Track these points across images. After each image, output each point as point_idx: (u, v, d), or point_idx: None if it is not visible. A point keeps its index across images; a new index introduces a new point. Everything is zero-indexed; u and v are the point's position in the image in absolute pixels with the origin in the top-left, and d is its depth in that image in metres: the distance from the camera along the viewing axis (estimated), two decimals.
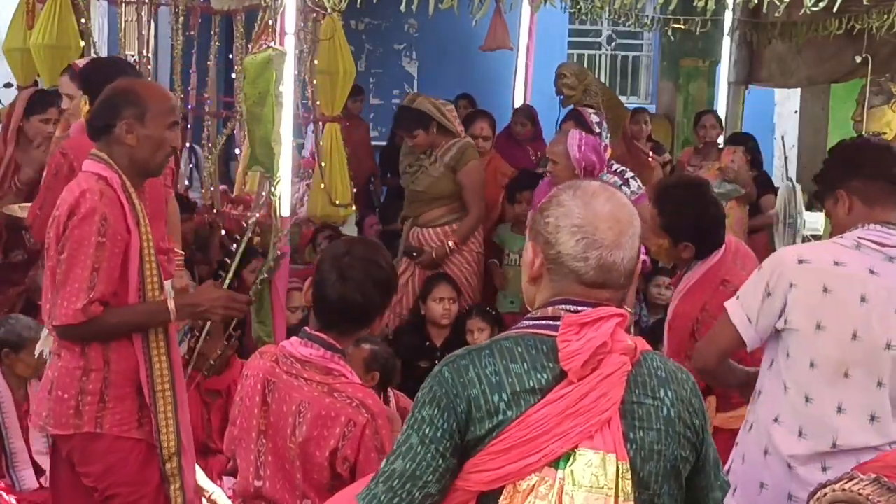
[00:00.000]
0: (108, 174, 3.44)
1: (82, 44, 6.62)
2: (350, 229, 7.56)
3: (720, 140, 8.67)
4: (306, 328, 3.09)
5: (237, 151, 7.94)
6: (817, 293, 3.14)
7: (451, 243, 6.28)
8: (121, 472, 3.51)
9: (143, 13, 7.60)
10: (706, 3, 5.07)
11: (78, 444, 3.52)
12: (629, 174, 5.74)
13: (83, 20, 6.72)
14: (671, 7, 5.32)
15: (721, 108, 9.85)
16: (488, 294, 6.70)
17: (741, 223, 7.84)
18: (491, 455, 2.04)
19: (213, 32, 7.71)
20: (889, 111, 7.58)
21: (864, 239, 3.17)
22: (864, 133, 7.51)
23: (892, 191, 3.20)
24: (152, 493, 3.54)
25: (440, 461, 2.05)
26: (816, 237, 7.80)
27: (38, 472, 4.70)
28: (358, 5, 5.30)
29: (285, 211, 5.85)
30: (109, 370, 3.47)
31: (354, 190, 7.58)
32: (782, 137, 9.91)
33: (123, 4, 7.62)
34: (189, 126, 8.31)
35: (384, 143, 10.68)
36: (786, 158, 8.77)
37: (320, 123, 7.14)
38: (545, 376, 2.07)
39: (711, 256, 4.07)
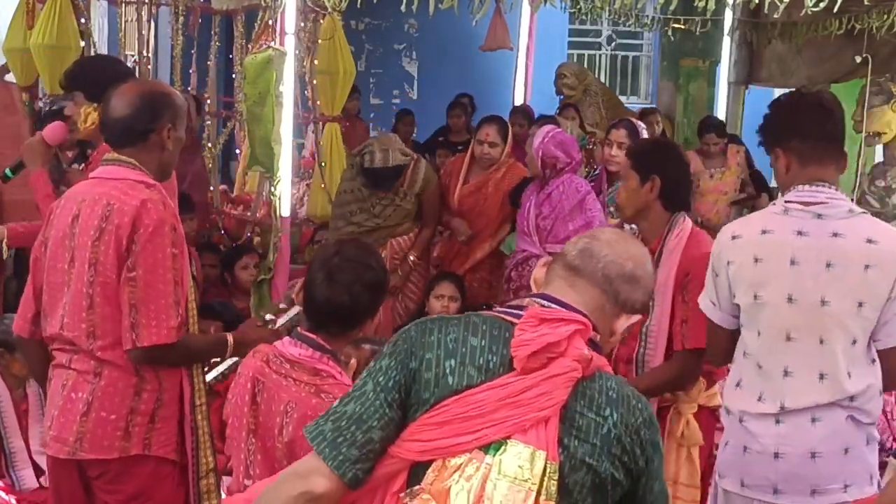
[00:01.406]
0: (151, 182, 3.31)
1: (82, 44, 6.61)
2: None
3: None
4: (298, 328, 3.09)
5: (237, 151, 7.95)
6: (750, 265, 3.20)
7: (411, 257, 6.26)
8: (154, 497, 3.33)
9: (143, 13, 7.62)
10: (706, 3, 5.07)
11: (117, 467, 3.29)
12: None
13: (83, 20, 6.72)
14: (671, 7, 5.32)
15: (721, 108, 9.85)
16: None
17: None
18: (427, 426, 2.10)
19: (213, 32, 7.72)
20: (889, 111, 7.57)
21: (792, 202, 3.22)
22: (864, 133, 7.52)
23: (825, 149, 3.25)
24: None
25: (386, 409, 2.12)
26: None
27: (38, 471, 4.70)
28: (358, 5, 5.30)
29: (285, 211, 5.86)
30: (162, 389, 3.29)
31: None
32: None
33: (123, 4, 7.63)
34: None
35: None
36: None
37: (320, 123, 7.14)
38: (495, 359, 2.13)
39: (683, 222, 3.98)
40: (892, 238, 3.19)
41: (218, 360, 4.05)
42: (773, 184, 8.85)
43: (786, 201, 3.23)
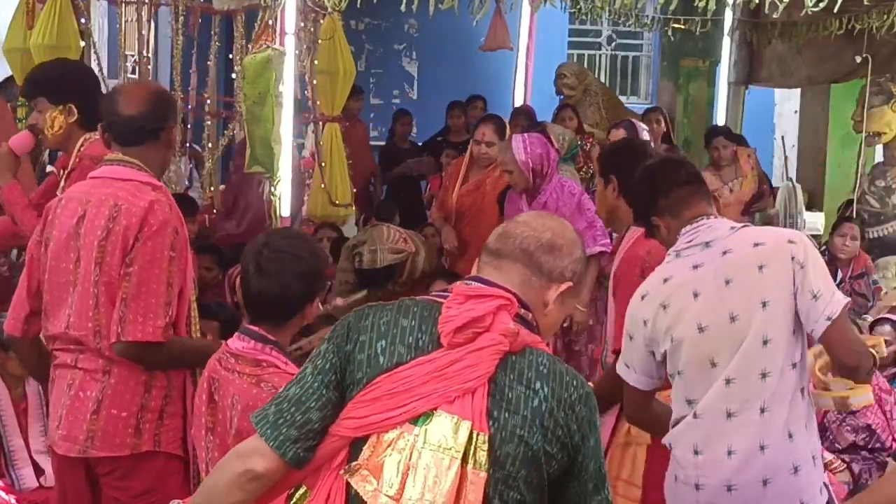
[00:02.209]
0: (158, 183, 3.35)
1: (82, 44, 6.61)
2: (350, 229, 7.56)
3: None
4: (244, 322, 3.12)
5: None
6: (661, 314, 3.25)
7: None
8: (162, 492, 3.34)
9: (143, 13, 7.60)
10: (706, 3, 5.08)
11: (127, 464, 3.33)
12: None
13: (83, 20, 6.71)
14: (671, 7, 5.32)
15: (721, 108, 9.85)
16: None
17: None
18: (361, 404, 2.18)
19: (213, 32, 7.71)
20: (889, 111, 7.59)
21: (679, 246, 3.31)
22: (864, 133, 7.53)
23: (689, 192, 3.35)
24: None
25: (323, 391, 2.23)
26: (816, 237, 7.82)
27: (38, 471, 4.70)
28: (358, 5, 5.30)
29: (285, 211, 5.86)
30: (171, 386, 3.34)
31: (354, 190, 7.58)
32: (782, 137, 9.94)
33: (123, 4, 7.62)
34: (189, 126, 8.31)
35: (384, 143, 10.68)
36: (786, 158, 8.80)
37: (320, 123, 7.14)
38: (424, 337, 2.21)
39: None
40: (775, 235, 3.27)
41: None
42: (774, 182, 8.85)
43: (676, 248, 3.32)
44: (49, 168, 5.01)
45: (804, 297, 3.13)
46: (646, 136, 5.74)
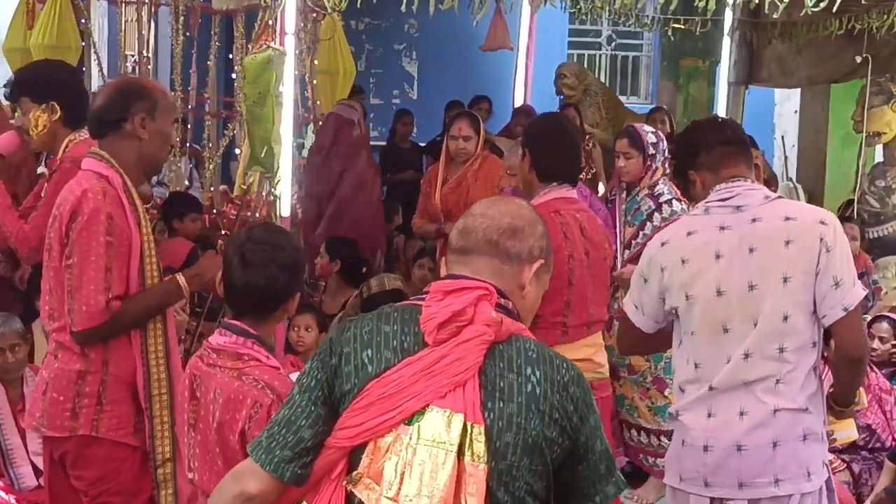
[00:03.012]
0: (109, 173, 3.40)
1: (82, 44, 6.62)
2: None
3: None
4: (226, 318, 3.13)
5: (237, 151, 7.94)
6: (678, 267, 3.28)
7: None
8: (115, 481, 3.46)
9: (143, 13, 7.62)
10: (706, 3, 5.08)
11: (73, 448, 3.46)
12: (665, 198, 5.48)
13: (83, 20, 6.73)
14: (671, 7, 5.32)
15: (721, 108, 9.83)
16: None
17: None
18: (354, 412, 2.18)
19: (213, 32, 7.72)
20: (889, 111, 7.59)
21: (711, 201, 3.32)
22: (864, 133, 7.52)
23: (730, 151, 3.37)
24: None
25: (312, 408, 2.23)
26: None
27: (37, 472, 4.70)
28: (358, 5, 5.30)
29: (285, 211, 5.86)
30: (107, 373, 3.43)
31: None
32: (782, 137, 9.94)
33: (123, 4, 7.64)
34: (189, 126, 8.31)
35: (384, 143, 10.68)
36: (786, 158, 8.80)
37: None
38: (408, 339, 2.21)
39: (543, 195, 4.20)
40: (808, 213, 3.27)
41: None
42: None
43: (706, 202, 3.34)
44: (41, 169, 5.00)
45: (825, 280, 3.14)
46: (651, 137, 5.68)
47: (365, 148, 7.46)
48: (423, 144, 10.37)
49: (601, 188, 7.73)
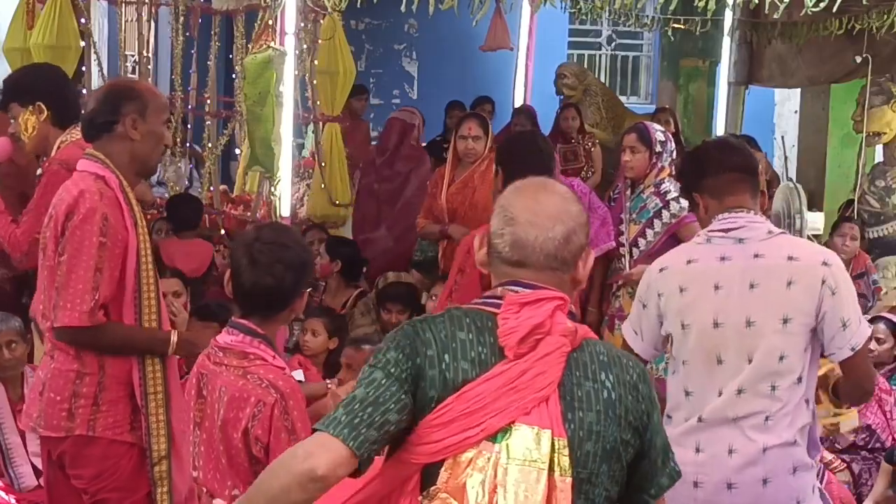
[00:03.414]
0: (106, 174, 3.41)
1: (82, 44, 6.62)
2: (350, 230, 7.56)
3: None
4: (234, 317, 3.15)
5: (237, 151, 7.95)
6: (676, 295, 3.26)
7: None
8: (112, 478, 3.47)
9: (143, 13, 7.61)
10: (706, 3, 5.08)
11: (70, 448, 3.46)
12: (672, 195, 5.47)
13: (83, 20, 6.72)
14: (671, 7, 5.32)
15: (721, 108, 9.84)
16: None
17: None
18: (434, 428, 2.12)
19: (213, 32, 7.71)
20: (889, 111, 7.58)
21: (714, 231, 3.29)
22: (864, 133, 7.52)
23: (736, 179, 3.32)
24: (143, 500, 3.51)
25: (402, 395, 2.12)
26: (818, 237, 7.81)
27: (37, 472, 4.70)
28: (358, 5, 5.31)
29: (285, 211, 5.87)
30: (104, 374, 3.43)
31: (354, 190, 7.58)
32: (782, 137, 9.94)
33: (123, 4, 7.63)
34: (189, 126, 8.31)
35: None
36: (786, 158, 8.80)
37: (320, 123, 7.14)
38: (484, 350, 2.15)
39: None
40: (811, 254, 3.25)
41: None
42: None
43: (708, 231, 3.31)
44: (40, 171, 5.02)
45: (832, 323, 3.14)
46: (660, 136, 5.65)
47: (425, 153, 7.77)
48: (423, 144, 10.37)
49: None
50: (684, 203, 5.42)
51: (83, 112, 3.55)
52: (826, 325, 3.15)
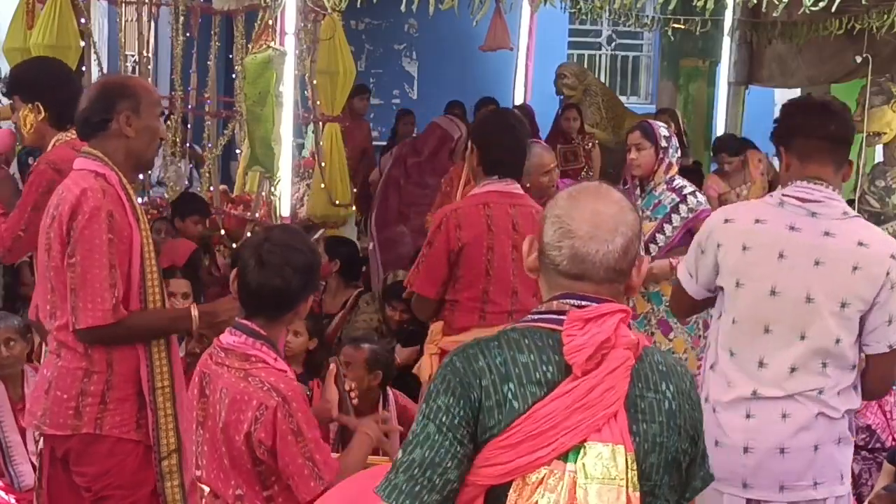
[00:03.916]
0: (105, 171, 3.41)
1: (82, 44, 6.61)
2: (350, 230, 7.56)
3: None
4: (237, 318, 3.14)
5: (237, 151, 7.95)
6: (737, 251, 3.23)
7: None
8: (117, 475, 3.47)
9: (143, 13, 7.61)
10: (706, 3, 5.09)
11: (76, 445, 3.46)
12: (688, 190, 5.47)
13: (83, 20, 6.71)
14: (671, 7, 5.32)
15: (721, 108, 9.85)
16: None
17: None
18: (501, 449, 2.07)
19: (213, 32, 7.71)
20: (889, 111, 7.57)
21: (789, 196, 3.24)
22: (864, 133, 7.52)
23: (826, 148, 3.26)
24: (146, 498, 3.51)
25: (458, 448, 2.08)
26: None
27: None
28: (358, 5, 5.31)
29: (285, 211, 5.86)
30: (112, 373, 3.43)
31: (354, 190, 7.58)
32: None
33: (123, 4, 7.63)
34: (189, 126, 8.31)
35: (384, 144, 10.69)
36: None
37: (320, 123, 7.14)
38: (551, 369, 2.10)
39: (482, 185, 4.34)
40: (882, 243, 3.22)
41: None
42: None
43: (783, 194, 3.26)
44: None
45: (879, 317, 3.15)
46: (664, 131, 5.61)
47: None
48: None
49: None
50: (701, 197, 5.44)
51: (77, 112, 3.52)
52: (872, 316, 3.15)
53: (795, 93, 11.21)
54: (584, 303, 2.16)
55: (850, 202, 7.79)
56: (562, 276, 2.18)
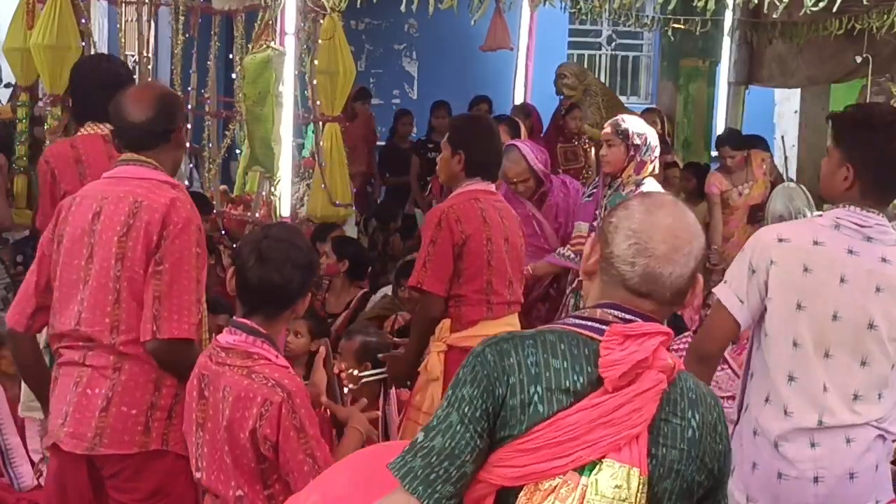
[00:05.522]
0: (175, 182, 3.40)
1: (82, 44, 6.61)
2: (350, 230, 7.56)
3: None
4: (234, 317, 3.13)
5: (237, 151, 7.95)
6: (797, 272, 3.13)
7: None
8: (170, 493, 3.35)
9: (143, 13, 7.61)
10: (706, 3, 5.08)
11: (135, 463, 3.31)
12: None
13: (83, 20, 6.71)
14: (671, 7, 5.32)
15: (721, 108, 9.85)
16: None
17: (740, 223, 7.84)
18: (519, 452, 2.06)
19: (213, 32, 7.71)
20: None
21: (843, 219, 3.15)
22: None
23: (891, 185, 3.19)
24: None
25: (478, 441, 2.07)
26: None
27: (37, 471, 4.70)
28: (358, 5, 5.31)
29: (285, 211, 5.86)
30: (181, 385, 3.28)
31: (354, 190, 7.58)
32: (782, 137, 9.93)
33: (123, 4, 7.62)
34: (189, 126, 8.31)
35: (384, 144, 10.69)
36: (786, 158, 8.78)
37: (320, 123, 7.13)
38: (581, 379, 2.09)
39: (464, 188, 4.45)
40: None
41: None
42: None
43: (837, 217, 3.16)
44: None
45: None
46: (638, 128, 5.44)
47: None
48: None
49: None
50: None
51: (129, 123, 3.42)
52: None
53: (795, 93, 11.23)
54: (629, 316, 2.14)
55: None
56: (627, 290, 2.15)
